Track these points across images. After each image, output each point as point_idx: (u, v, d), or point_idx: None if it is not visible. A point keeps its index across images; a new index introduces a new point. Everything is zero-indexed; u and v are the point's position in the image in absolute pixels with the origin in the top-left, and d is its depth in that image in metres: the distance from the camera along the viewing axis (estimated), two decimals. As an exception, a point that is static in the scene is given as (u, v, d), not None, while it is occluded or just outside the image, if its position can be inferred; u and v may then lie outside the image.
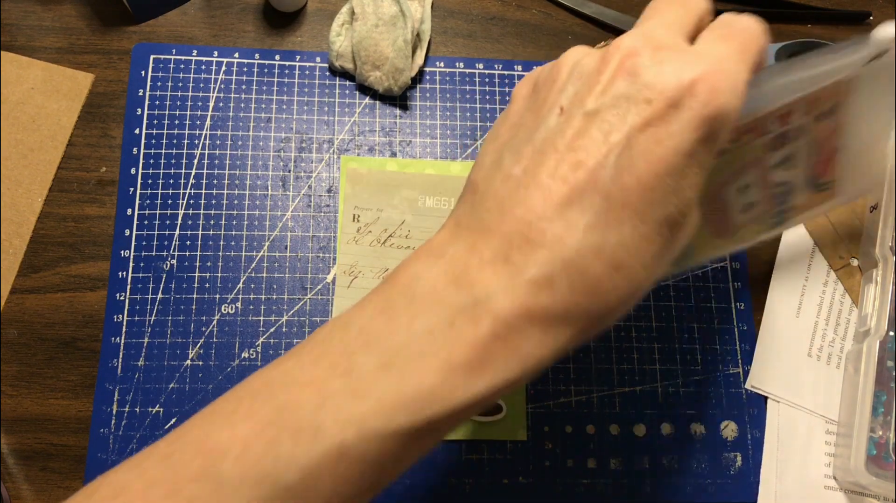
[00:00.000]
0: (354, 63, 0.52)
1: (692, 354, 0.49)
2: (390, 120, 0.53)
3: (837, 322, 0.51)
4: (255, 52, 0.54)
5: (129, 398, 0.46)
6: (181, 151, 0.51)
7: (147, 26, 0.54)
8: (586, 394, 0.48)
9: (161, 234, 0.49)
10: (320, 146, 0.52)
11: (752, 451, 0.48)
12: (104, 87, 0.52)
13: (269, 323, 0.48)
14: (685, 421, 0.48)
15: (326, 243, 0.50)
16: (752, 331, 0.50)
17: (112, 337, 0.47)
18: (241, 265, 0.49)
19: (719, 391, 0.49)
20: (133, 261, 0.48)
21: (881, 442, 0.46)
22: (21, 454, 0.45)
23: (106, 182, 0.50)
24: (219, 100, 0.52)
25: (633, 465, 0.47)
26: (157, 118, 0.51)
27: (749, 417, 0.48)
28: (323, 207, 0.50)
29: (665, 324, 0.50)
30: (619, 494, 0.46)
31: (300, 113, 0.52)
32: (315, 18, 0.55)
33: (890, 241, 0.49)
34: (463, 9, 0.57)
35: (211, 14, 0.55)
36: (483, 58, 0.55)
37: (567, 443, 0.47)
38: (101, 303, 0.47)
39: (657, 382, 0.48)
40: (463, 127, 0.53)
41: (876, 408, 0.46)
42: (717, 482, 0.47)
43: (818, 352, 0.50)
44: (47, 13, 0.54)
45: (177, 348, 0.47)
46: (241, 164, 0.51)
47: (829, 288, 0.51)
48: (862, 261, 0.52)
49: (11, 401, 0.45)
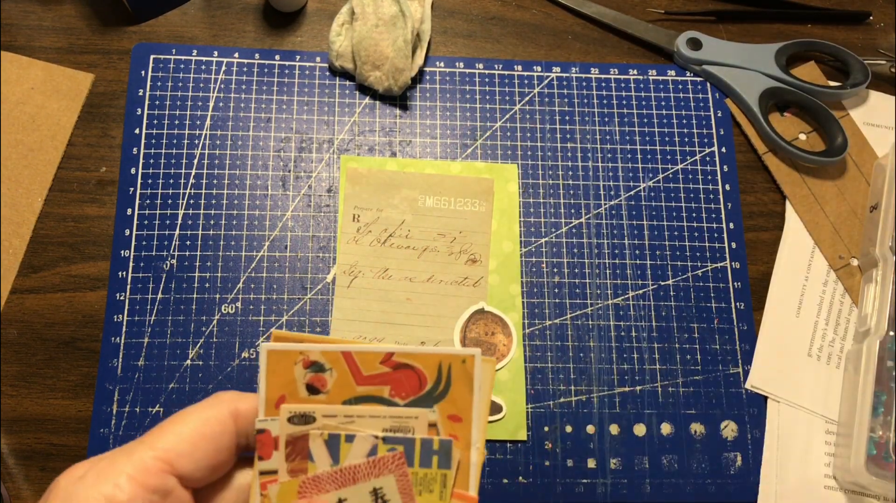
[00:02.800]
0: (354, 63, 0.52)
1: (692, 354, 0.49)
2: (390, 120, 0.53)
3: (837, 322, 0.51)
4: (255, 52, 0.54)
5: (129, 398, 0.46)
6: (181, 151, 0.51)
7: (147, 26, 0.54)
8: (586, 394, 0.48)
9: (161, 233, 0.49)
10: (320, 146, 0.52)
11: (752, 451, 0.48)
12: (104, 87, 0.52)
13: (269, 323, 0.48)
14: (685, 421, 0.48)
15: (326, 243, 0.50)
16: (752, 331, 0.50)
17: (112, 337, 0.47)
18: (241, 265, 0.49)
19: (719, 391, 0.49)
20: (133, 261, 0.48)
21: (881, 442, 0.46)
22: (21, 454, 0.45)
23: (106, 182, 0.50)
24: (219, 100, 0.52)
25: (633, 465, 0.47)
26: (157, 118, 0.51)
27: (749, 417, 0.48)
28: (323, 207, 0.50)
29: (665, 324, 0.50)
30: (619, 494, 0.46)
31: (300, 113, 0.52)
32: (315, 18, 0.55)
33: (890, 241, 0.49)
34: (463, 9, 0.57)
35: (211, 14, 0.55)
36: (483, 58, 0.55)
37: (567, 443, 0.47)
38: (101, 303, 0.47)
39: (657, 382, 0.48)
40: (463, 127, 0.53)
41: (876, 408, 0.46)
42: (717, 482, 0.47)
43: (818, 352, 0.50)
44: (47, 13, 0.54)
45: (177, 348, 0.47)
46: (241, 164, 0.51)
47: (829, 288, 0.51)
48: (862, 262, 0.52)
49: (11, 401, 0.45)
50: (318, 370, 0.27)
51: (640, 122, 0.54)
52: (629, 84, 0.55)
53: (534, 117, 0.54)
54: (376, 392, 0.28)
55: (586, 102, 0.55)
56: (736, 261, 0.51)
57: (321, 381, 0.27)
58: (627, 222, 0.52)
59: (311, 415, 0.27)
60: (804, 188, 0.53)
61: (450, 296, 0.49)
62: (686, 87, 0.56)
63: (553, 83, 0.55)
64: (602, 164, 0.53)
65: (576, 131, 0.54)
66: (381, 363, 0.28)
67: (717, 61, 0.55)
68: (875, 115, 0.56)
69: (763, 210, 0.53)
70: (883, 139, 0.55)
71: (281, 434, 0.27)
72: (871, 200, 0.53)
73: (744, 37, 0.58)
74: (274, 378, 0.27)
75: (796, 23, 0.59)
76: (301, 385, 0.27)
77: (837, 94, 0.55)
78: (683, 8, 0.59)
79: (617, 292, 0.50)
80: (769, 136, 0.54)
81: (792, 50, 0.56)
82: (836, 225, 0.53)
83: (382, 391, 0.28)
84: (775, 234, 0.53)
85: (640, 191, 0.53)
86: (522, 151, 0.53)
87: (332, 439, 0.27)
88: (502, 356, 0.48)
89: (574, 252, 0.51)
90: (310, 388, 0.27)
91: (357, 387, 0.28)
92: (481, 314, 0.49)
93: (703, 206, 0.52)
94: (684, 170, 0.53)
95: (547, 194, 0.52)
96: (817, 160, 0.53)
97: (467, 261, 0.50)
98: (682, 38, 0.56)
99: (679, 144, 0.54)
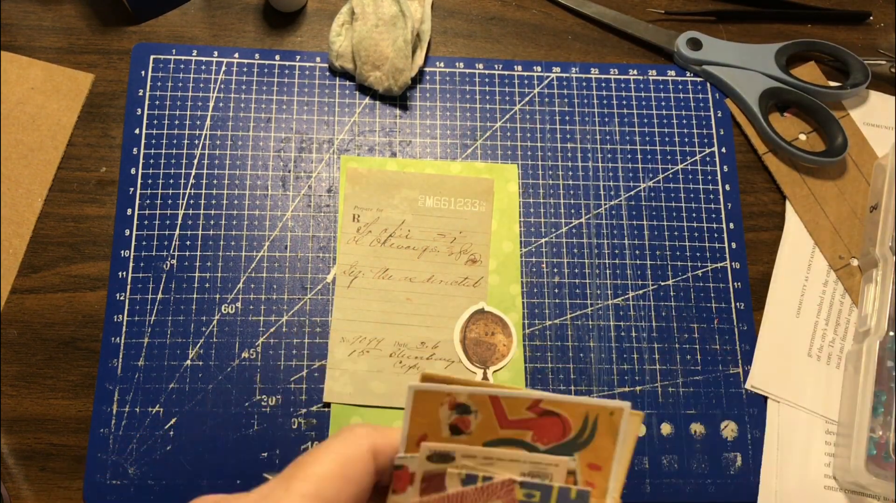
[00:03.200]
0: (354, 63, 0.52)
1: (692, 354, 0.49)
2: (390, 120, 0.53)
3: (837, 322, 0.51)
4: (255, 52, 0.54)
5: (129, 398, 0.46)
6: (181, 151, 0.51)
7: (147, 26, 0.54)
8: (586, 394, 0.48)
9: (161, 234, 0.49)
10: (320, 146, 0.52)
11: (752, 451, 0.48)
12: (104, 87, 0.52)
13: (269, 323, 0.48)
14: (685, 421, 0.48)
15: (326, 243, 0.50)
16: (752, 332, 0.50)
17: (112, 337, 0.47)
18: (241, 265, 0.49)
19: (719, 391, 0.49)
20: (133, 261, 0.48)
21: (881, 442, 0.46)
22: (21, 454, 0.45)
23: (106, 182, 0.50)
24: (219, 100, 0.52)
25: (634, 465, 0.47)
26: (157, 118, 0.51)
27: (749, 417, 0.48)
28: (323, 207, 0.50)
29: (665, 325, 0.50)
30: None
31: (300, 113, 0.52)
32: (315, 18, 0.55)
33: (890, 241, 0.49)
34: (463, 9, 0.57)
35: (211, 14, 0.55)
36: (483, 58, 0.55)
37: (567, 443, 0.47)
38: (101, 303, 0.47)
39: (657, 382, 0.48)
40: (463, 127, 0.53)
41: (876, 408, 0.46)
42: (717, 482, 0.47)
43: (818, 352, 0.50)
44: (47, 13, 0.54)
45: (177, 348, 0.47)
46: (241, 164, 0.51)
47: (829, 288, 0.51)
48: (862, 262, 0.52)
49: (11, 401, 0.45)
50: (463, 412, 0.27)
51: (640, 122, 0.54)
52: (629, 84, 0.55)
53: (534, 117, 0.54)
54: (519, 436, 0.28)
55: (586, 102, 0.55)
56: (736, 262, 0.51)
57: (465, 423, 0.27)
58: (627, 222, 0.52)
59: (450, 454, 0.27)
60: (804, 188, 0.53)
61: (450, 297, 0.49)
62: (686, 87, 0.56)
63: (553, 83, 0.55)
64: (602, 164, 0.53)
65: (576, 131, 0.54)
66: (527, 409, 0.27)
67: (717, 61, 0.55)
68: (875, 115, 0.56)
69: (763, 210, 0.53)
70: (883, 139, 0.55)
71: (418, 470, 0.27)
72: (871, 200, 0.53)
73: (744, 37, 0.58)
74: (418, 417, 0.27)
75: (796, 23, 0.59)
76: (445, 425, 0.27)
77: (837, 94, 0.55)
78: (683, 8, 0.59)
79: (617, 292, 0.50)
80: (769, 136, 0.54)
81: (792, 50, 0.56)
82: (836, 225, 0.53)
83: (525, 435, 0.28)
84: (775, 234, 0.53)
85: (640, 191, 0.53)
86: (522, 151, 0.53)
87: (469, 479, 0.27)
88: (502, 356, 0.48)
89: (574, 252, 0.51)
90: (453, 429, 0.27)
91: (500, 430, 0.28)
92: (481, 314, 0.49)
93: (703, 207, 0.52)
94: (684, 170, 0.53)
95: (547, 194, 0.52)
96: (817, 160, 0.53)
97: (467, 262, 0.50)
98: (682, 38, 0.56)
99: (679, 144, 0.54)
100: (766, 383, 0.49)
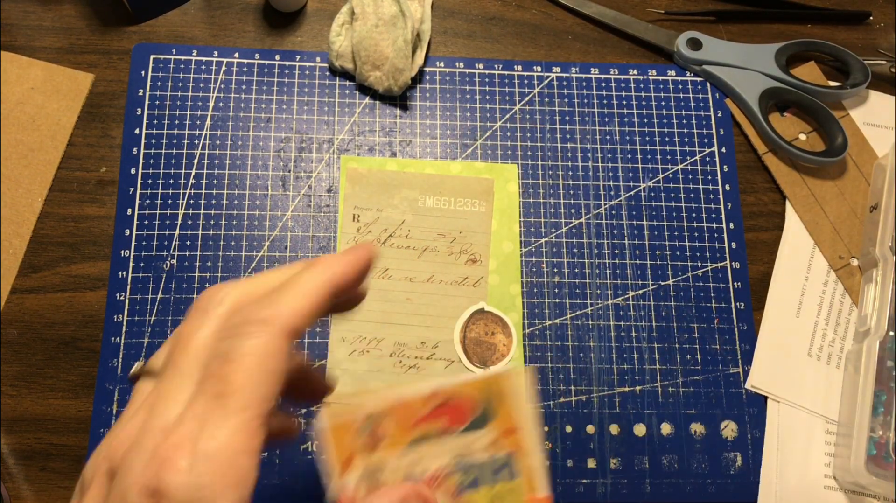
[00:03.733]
0: (354, 63, 0.52)
1: (692, 354, 0.49)
2: (390, 120, 0.53)
3: (837, 322, 0.51)
4: (255, 52, 0.54)
5: (129, 398, 0.46)
6: (181, 151, 0.51)
7: (147, 26, 0.54)
8: (586, 394, 0.48)
9: (161, 234, 0.49)
10: (320, 146, 0.52)
11: (752, 451, 0.48)
12: (104, 87, 0.52)
13: (269, 323, 0.48)
14: (685, 421, 0.48)
15: (326, 243, 0.50)
16: (752, 331, 0.50)
17: (112, 337, 0.47)
18: (241, 265, 0.49)
19: (719, 391, 0.49)
20: (133, 261, 0.48)
21: (881, 442, 0.46)
22: (21, 454, 0.45)
23: (106, 182, 0.50)
24: (219, 100, 0.52)
25: (633, 465, 0.47)
26: (157, 118, 0.51)
27: (749, 417, 0.48)
28: (323, 207, 0.50)
29: (665, 324, 0.50)
30: (619, 494, 0.46)
31: (300, 113, 0.52)
32: (315, 18, 0.55)
33: (890, 241, 0.49)
34: (463, 9, 0.57)
35: (211, 14, 0.55)
36: (483, 58, 0.55)
37: (567, 444, 0.47)
38: (101, 303, 0.47)
39: (657, 382, 0.48)
40: (463, 127, 0.53)
41: (876, 408, 0.46)
42: (717, 482, 0.47)
43: (818, 352, 0.50)
44: (47, 13, 0.54)
45: (177, 348, 0.47)
46: (241, 164, 0.51)
47: (829, 288, 0.51)
48: (862, 262, 0.52)
49: (11, 401, 0.45)
50: (372, 425, 0.29)
51: (639, 122, 0.54)
52: (629, 84, 0.55)
53: (534, 117, 0.54)
54: (436, 426, 0.29)
55: (586, 102, 0.55)
56: (736, 262, 0.51)
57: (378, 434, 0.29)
58: (627, 222, 0.52)
59: (381, 465, 0.28)
60: (804, 188, 0.53)
61: (450, 296, 0.49)
62: (686, 87, 0.56)
63: (553, 83, 0.55)
64: (602, 164, 0.53)
65: (576, 131, 0.54)
66: (427, 401, 0.29)
67: (717, 61, 0.55)
68: (875, 115, 0.56)
69: (763, 210, 0.53)
70: (883, 139, 0.55)
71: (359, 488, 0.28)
72: (871, 200, 0.53)
73: (744, 37, 0.58)
74: (337, 448, 0.29)
75: (796, 23, 0.59)
76: (362, 443, 0.29)
77: (837, 94, 0.55)
78: (683, 8, 0.59)
79: (617, 292, 0.50)
80: (769, 136, 0.54)
81: (792, 50, 0.56)
82: (836, 225, 0.53)
83: (442, 423, 0.29)
84: (775, 234, 0.53)
85: (640, 191, 0.53)
86: (522, 151, 0.53)
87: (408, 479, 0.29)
88: (502, 356, 0.48)
89: (574, 252, 0.51)
90: (372, 442, 0.29)
91: (415, 429, 0.29)
92: (481, 314, 0.49)
93: (703, 206, 0.53)
94: (684, 170, 0.53)
95: (547, 194, 0.52)
96: (817, 160, 0.53)
97: (467, 262, 0.50)
98: (682, 38, 0.56)
99: (679, 144, 0.54)
100: (766, 383, 0.49)
